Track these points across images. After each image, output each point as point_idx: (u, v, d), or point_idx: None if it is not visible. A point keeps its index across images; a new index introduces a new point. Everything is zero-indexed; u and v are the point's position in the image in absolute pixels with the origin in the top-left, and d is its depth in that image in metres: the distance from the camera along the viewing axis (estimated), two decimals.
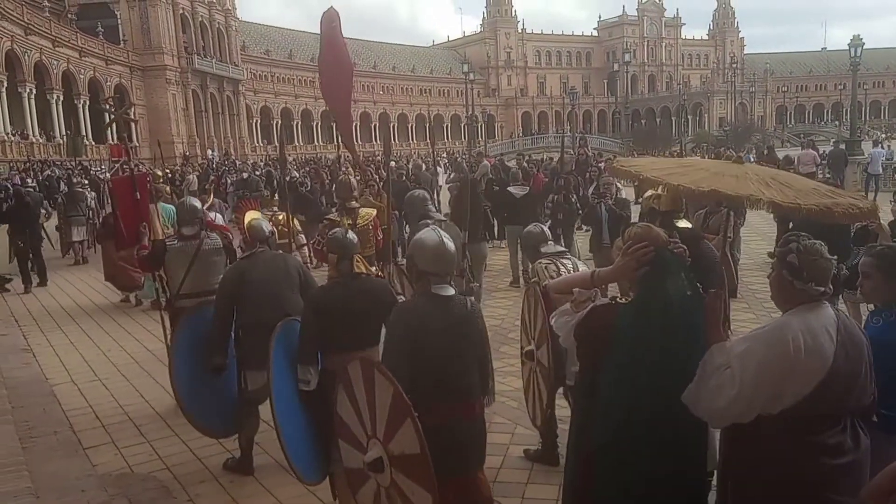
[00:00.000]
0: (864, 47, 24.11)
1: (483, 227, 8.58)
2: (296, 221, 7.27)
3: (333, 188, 9.01)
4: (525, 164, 15.72)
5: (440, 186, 15.32)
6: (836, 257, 2.27)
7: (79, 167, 27.88)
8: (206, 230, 5.14)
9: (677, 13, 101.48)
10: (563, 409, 3.94)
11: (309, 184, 14.31)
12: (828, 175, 14.30)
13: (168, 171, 25.82)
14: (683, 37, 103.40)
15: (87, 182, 17.19)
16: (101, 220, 11.40)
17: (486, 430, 3.00)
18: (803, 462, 2.14)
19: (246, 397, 4.12)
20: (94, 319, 8.39)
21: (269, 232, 4.44)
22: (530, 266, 4.38)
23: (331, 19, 8.07)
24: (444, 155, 26.18)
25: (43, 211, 13.02)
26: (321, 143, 63.37)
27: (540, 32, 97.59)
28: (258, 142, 61.80)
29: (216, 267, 5.02)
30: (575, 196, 9.68)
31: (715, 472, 2.43)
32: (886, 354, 2.27)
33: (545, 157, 27.54)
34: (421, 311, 2.74)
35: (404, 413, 2.46)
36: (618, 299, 2.71)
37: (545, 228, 4.56)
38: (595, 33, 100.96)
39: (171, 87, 48.16)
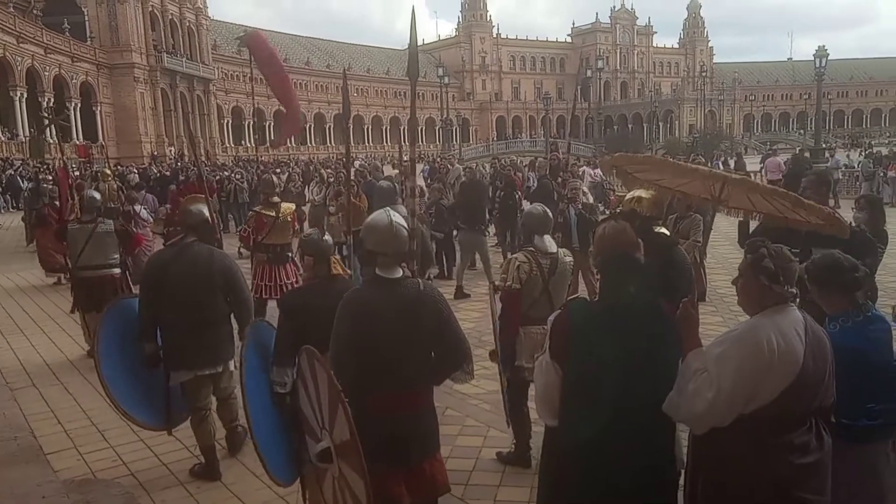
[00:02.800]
0: (829, 58, 24.76)
1: (479, 221, 9.54)
2: None
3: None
4: (499, 168, 16.16)
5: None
6: (798, 259, 2.33)
7: (43, 166, 27.38)
8: (101, 216, 6.47)
9: (649, 21, 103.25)
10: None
11: (299, 184, 14.81)
12: None
13: (135, 167, 25.89)
14: (655, 45, 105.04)
15: (50, 178, 18.24)
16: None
17: (437, 421, 2.92)
18: (772, 461, 2.17)
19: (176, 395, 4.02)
20: (57, 322, 8.17)
21: (201, 220, 4.17)
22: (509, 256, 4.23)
23: (256, 38, 8.77)
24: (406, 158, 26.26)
25: None
26: (293, 145, 62.86)
27: (515, 38, 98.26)
28: (229, 142, 61.04)
29: (109, 246, 6.44)
30: (519, 194, 10.28)
31: (683, 471, 2.45)
32: (841, 358, 2.30)
33: (519, 160, 28.32)
34: (367, 297, 2.71)
35: (336, 399, 2.47)
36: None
37: (548, 212, 4.28)
38: (569, 39, 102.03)
39: (139, 86, 47.29)
